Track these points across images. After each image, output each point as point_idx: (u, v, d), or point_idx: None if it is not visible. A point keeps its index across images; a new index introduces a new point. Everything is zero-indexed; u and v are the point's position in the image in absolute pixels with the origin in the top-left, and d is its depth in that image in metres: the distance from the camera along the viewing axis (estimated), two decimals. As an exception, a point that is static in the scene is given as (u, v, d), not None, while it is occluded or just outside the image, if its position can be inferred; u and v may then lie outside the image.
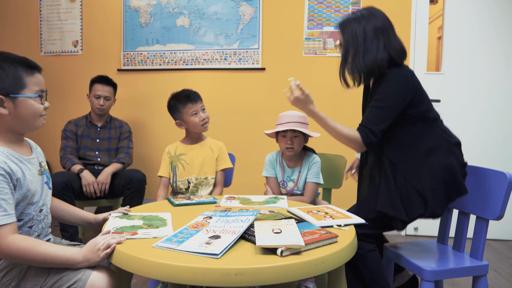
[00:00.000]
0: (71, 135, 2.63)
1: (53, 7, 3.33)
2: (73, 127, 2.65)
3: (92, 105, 2.68)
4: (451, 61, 2.85)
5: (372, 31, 1.54)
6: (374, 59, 1.50)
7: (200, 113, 1.91)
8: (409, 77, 1.48)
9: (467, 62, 2.83)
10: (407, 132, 1.48)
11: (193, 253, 0.96)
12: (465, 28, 2.82)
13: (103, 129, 2.71)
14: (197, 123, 1.90)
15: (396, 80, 1.47)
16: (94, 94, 2.64)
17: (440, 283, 1.61)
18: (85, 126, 2.68)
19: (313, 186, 1.87)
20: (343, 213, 1.38)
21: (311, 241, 1.01)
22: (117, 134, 2.74)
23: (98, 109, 2.65)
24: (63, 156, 2.56)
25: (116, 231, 1.14)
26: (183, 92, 1.94)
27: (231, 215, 1.25)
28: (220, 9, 3.08)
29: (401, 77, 1.47)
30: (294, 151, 1.85)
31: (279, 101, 3.07)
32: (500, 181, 1.36)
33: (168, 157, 1.95)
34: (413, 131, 1.47)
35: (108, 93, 2.68)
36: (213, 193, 1.95)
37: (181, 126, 1.94)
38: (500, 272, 2.26)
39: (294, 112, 1.87)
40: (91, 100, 2.67)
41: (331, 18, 2.97)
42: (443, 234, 1.62)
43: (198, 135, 1.99)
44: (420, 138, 1.46)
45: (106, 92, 2.66)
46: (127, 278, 1.30)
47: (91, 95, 2.66)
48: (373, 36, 1.54)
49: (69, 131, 2.64)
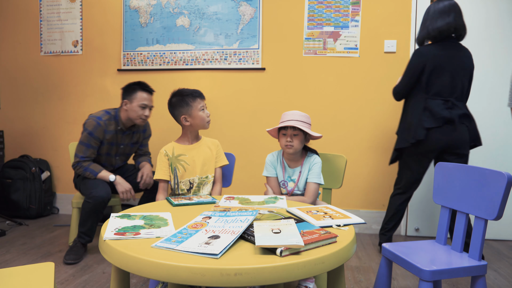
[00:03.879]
0: (95, 143, 2.35)
1: (53, 7, 3.33)
2: (101, 134, 2.35)
3: (133, 114, 2.36)
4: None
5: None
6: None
7: (206, 110, 1.95)
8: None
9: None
10: None
11: (192, 253, 0.96)
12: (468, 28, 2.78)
13: (128, 134, 2.50)
14: (204, 118, 1.92)
15: None
16: (141, 104, 2.34)
17: (438, 283, 1.62)
18: (114, 133, 2.41)
19: (314, 187, 1.87)
20: (342, 213, 1.38)
21: (311, 241, 1.02)
22: (140, 138, 2.60)
23: (142, 120, 2.39)
24: (80, 165, 2.36)
25: (119, 232, 1.14)
26: (188, 89, 1.94)
27: (230, 215, 1.25)
28: (220, 9, 3.09)
29: None
30: (293, 148, 1.85)
31: (279, 101, 3.08)
32: (499, 181, 1.36)
33: (167, 159, 1.91)
34: None
35: (152, 103, 2.43)
36: (214, 190, 1.95)
37: (186, 122, 1.91)
38: (500, 272, 2.26)
39: (297, 111, 1.88)
40: (132, 108, 2.35)
41: (331, 18, 2.97)
42: (442, 234, 1.62)
43: (196, 135, 1.99)
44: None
45: (152, 102, 2.42)
46: (126, 278, 1.30)
47: (134, 104, 2.35)
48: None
49: (96, 138, 2.34)
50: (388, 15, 2.92)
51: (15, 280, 1.15)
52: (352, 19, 2.95)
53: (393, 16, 2.92)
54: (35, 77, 3.40)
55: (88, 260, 2.34)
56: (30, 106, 3.45)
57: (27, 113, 3.46)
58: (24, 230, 2.91)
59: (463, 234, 1.53)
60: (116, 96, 3.29)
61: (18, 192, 3.17)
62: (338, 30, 2.97)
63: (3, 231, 2.78)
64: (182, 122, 1.92)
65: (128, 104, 2.37)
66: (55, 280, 1.18)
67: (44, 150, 3.45)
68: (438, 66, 2.23)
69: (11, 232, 2.85)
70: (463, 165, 1.55)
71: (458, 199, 1.54)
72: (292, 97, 3.05)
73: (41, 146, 3.45)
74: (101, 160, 2.48)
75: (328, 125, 3.04)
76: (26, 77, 3.42)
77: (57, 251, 2.48)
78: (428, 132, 2.24)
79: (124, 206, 3.04)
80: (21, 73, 3.43)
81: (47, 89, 3.40)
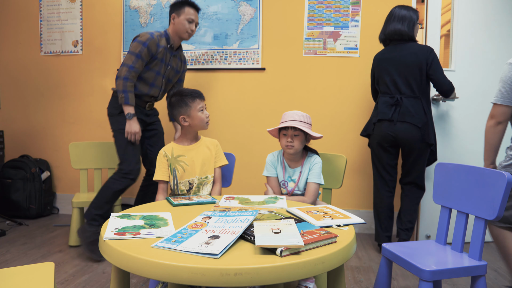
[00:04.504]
0: (146, 55, 2.31)
1: (53, 7, 3.34)
2: (153, 46, 2.33)
3: (180, 28, 2.42)
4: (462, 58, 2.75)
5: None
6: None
7: (205, 110, 1.94)
8: None
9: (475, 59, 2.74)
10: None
11: (192, 253, 0.96)
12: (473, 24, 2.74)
13: (175, 56, 2.50)
14: (203, 119, 1.90)
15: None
16: (188, 18, 2.40)
17: (438, 283, 1.62)
18: (165, 49, 2.40)
19: (314, 187, 1.87)
20: (342, 213, 1.38)
21: (311, 241, 1.02)
22: (181, 67, 2.60)
23: (189, 34, 2.45)
24: (125, 81, 2.29)
25: (119, 232, 1.14)
26: (187, 89, 1.94)
27: (230, 215, 1.25)
28: (220, 9, 3.09)
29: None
30: (294, 149, 1.85)
31: (279, 101, 3.08)
32: (499, 181, 1.36)
33: (166, 160, 1.91)
34: None
35: (198, 19, 2.48)
36: (213, 190, 1.95)
37: (185, 122, 1.90)
38: (500, 272, 2.26)
39: (298, 112, 1.88)
40: (180, 22, 2.40)
41: (331, 18, 2.97)
42: (442, 234, 1.62)
43: (195, 135, 1.98)
44: None
45: (197, 19, 2.48)
46: (126, 278, 1.30)
47: (181, 17, 2.40)
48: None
49: (148, 49, 2.31)
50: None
51: (15, 280, 1.15)
52: (352, 19, 2.95)
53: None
54: (35, 77, 3.40)
55: (88, 260, 2.34)
56: (30, 106, 3.45)
57: (27, 113, 3.46)
58: (24, 230, 2.91)
59: (463, 234, 1.53)
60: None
61: (18, 192, 3.17)
62: (338, 30, 2.97)
63: (3, 231, 2.78)
64: (181, 122, 1.91)
65: (176, 18, 2.42)
66: (55, 280, 1.18)
67: (44, 150, 3.45)
68: (382, 68, 2.48)
69: (11, 232, 2.85)
70: (463, 165, 1.55)
71: (458, 199, 1.55)
72: (292, 97, 3.05)
73: (41, 146, 3.45)
74: (150, 78, 2.42)
75: (328, 125, 3.04)
76: (26, 77, 3.42)
77: (57, 251, 2.48)
78: (374, 126, 2.52)
79: (124, 206, 3.04)
80: (21, 73, 3.43)
81: (47, 89, 3.40)
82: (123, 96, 2.32)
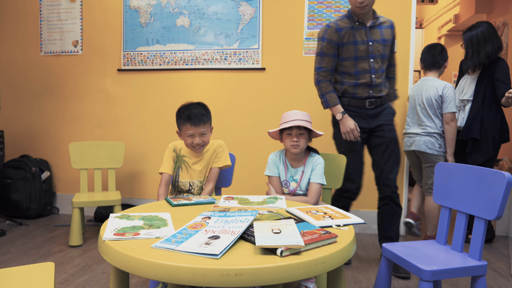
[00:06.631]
0: (328, 49, 1.99)
1: (53, 7, 3.33)
2: (333, 34, 1.99)
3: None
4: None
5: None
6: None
7: (197, 137, 1.83)
8: None
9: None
10: None
11: (192, 253, 0.96)
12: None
13: (373, 28, 2.08)
14: (188, 144, 1.88)
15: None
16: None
17: (438, 283, 1.61)
18: (350, 29, 2.02)
19: (317, 187, 1.87)
20: (342, 213, 1.38)
21: (311, 241, 1.02)
22: (389, 34, 2.17)
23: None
24: (318, 85, 2.08)
25: (118, 232, 1.14)
26: (190, 108, 1.83)
27: (230, 215, 1.25)
28: (220, 9, 3.08)
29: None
30: (300, 148, 1.86)
31: (279, 101, 3.08)
32: (499, 181, 1.36)
33: (174, 155, 1.93)
34: None
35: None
36: (205, 189, 1.94)
37: (180, 136, 1.93)
38: (500, 272, 2.26)
39: (298, 111, 1.89)
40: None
41: (331, 18, 2.97)
42: (442, 234, 1.62)
43: None
44: None
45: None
46: (126, 278, 1.30)
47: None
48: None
49: (328, 41, 1.98)
50: (388, 15, 2.91)
51: (15, 280, 1.15)
52: (352, 19, 2.95)
53: (393, 16, 2.91)
54: (35, 77, 3.40)
55: (88, 260, 2.34)
56: (30, 106, 3.44)
57: (27, 113, 3.46)
58: (24, 230, 2.91)
59: (463, 234, 1.53)
60: (116, 96, 3.30)
61: (18, 192, 3.17)
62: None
63: (3, 231, 2.78)
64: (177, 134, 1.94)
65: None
66: (55, 280, 1.18)
67: (44, 150, 3.45)
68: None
69: (11, 232, 2.85)
70: (463, 165, 1.55)
71: (458, 199, 1.54)
72: (292, 97, 3.05)
73: (41, 146, 3.45)
74: (352, 67, 2.08)
75: (328, 125, 3.03)
76: (26, 77, 3.42)
77: (57, 251, 2.48)
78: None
79: (124, 206, 3.04)
80: (21, 73, 3.43)
81: (47, 89, 3.40)
82: (323, 101, 2.15)
